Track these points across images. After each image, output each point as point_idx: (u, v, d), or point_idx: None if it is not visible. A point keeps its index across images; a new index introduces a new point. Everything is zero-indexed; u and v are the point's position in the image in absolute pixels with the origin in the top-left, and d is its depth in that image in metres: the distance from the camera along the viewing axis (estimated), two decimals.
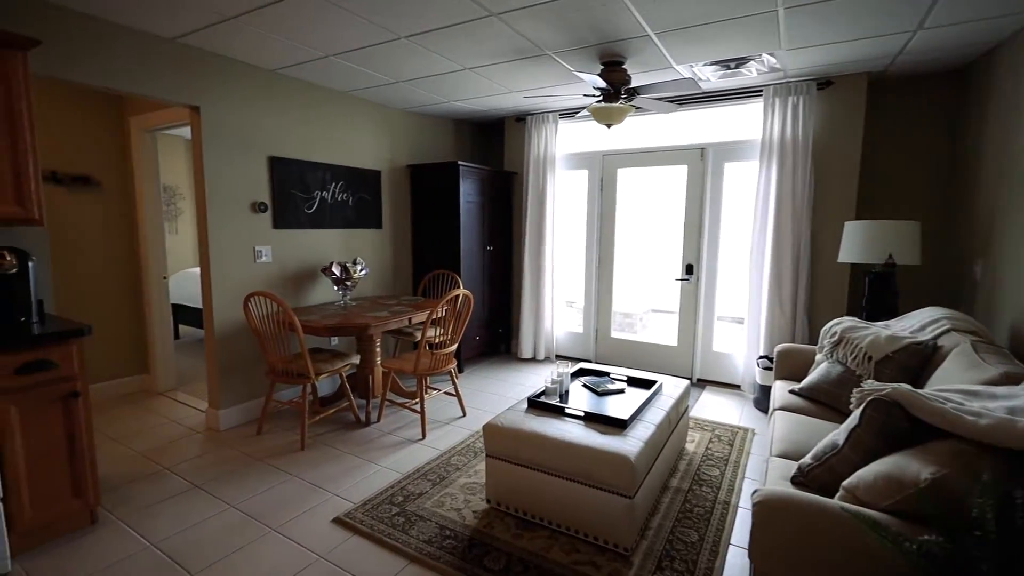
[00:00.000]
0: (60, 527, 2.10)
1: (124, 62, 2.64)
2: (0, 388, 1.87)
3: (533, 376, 4.45)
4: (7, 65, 2.04)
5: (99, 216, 3.65)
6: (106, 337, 3.73)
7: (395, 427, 3.31)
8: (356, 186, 4.05)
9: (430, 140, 4.77)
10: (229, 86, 3.12)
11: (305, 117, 3.60)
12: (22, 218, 2.12)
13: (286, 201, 3.52)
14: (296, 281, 3.65)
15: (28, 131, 2.11)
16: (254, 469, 2.73)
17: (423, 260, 4.64)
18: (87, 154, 3.58)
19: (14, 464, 1.91)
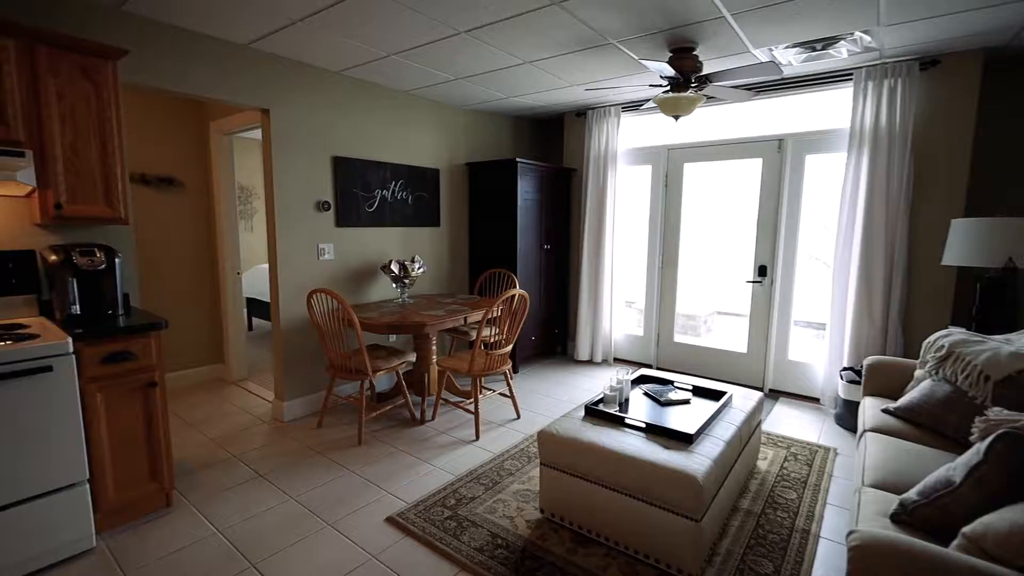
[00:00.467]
0: (139, 508, 2.24)
1: (202, 68, 2.77)
2: (89, 376, 2.00)
3: (589, 379, 4.31)
4: (99, 75, 2.18)
5: (182, 215, 3.90)
6: (186, 328, 3.99)
7: (449, 426, 3.29)
8: (415, 184, 4.08)
9: (488, 137, 4.73)
10: (297, 89, 3.21)
11: (367, 117, 3.66)
12: (110, 217, 2.27)
13: (348, 200, 3.59)
14: (356, 278, 3.72)
15: (116, 136, 2.26)
16: (313, 462, 2.80)
17: (479, 258, 4.61)
18: (172, 157, 3.83)
19: (99, 447, 2.05)
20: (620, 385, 2.48)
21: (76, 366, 1.94)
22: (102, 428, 2.05)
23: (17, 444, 1.79)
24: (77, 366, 1.95)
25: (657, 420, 2.22)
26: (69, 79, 2.11)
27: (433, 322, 3.11)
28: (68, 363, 1.89)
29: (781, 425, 3.34)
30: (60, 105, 2.09)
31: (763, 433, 3.16)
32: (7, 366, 1.74)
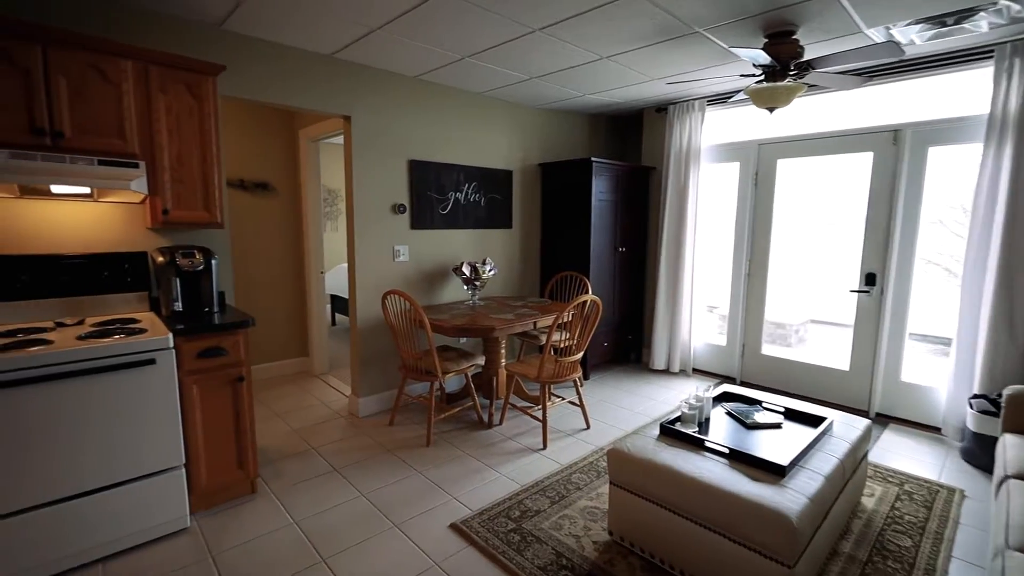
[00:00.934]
0: (228, 493, 2.40)
1: (289, 80, 2.93)
2: (186, 369, 2.17)
3: (665, 390, 4.07)
4: (201, 89, 2.36)
5: (274, 217, 4.19)
6: (276, 323, 4.27)
7: (516, 432, 3.24)
8: (488, 186, 4.07)
9: (563, 137, 4.62)
10: (376, 95, 3.31)
11: (442, 120, 3.70)
12: (208, 222, 2.45)
13: (423, 202, 3.65)
14: (429, 279, 3.78)
15: (214, 146, 2.43)
16: (384, 460, 2.86)
17: (551, 261, 4.52)
18: (267, 163, 4.11)
19: (195, 435, 2.21)
20: (700, 403, 2.28)
21: (176, 360, 2.11)
22: (197, 417, 2.22)
23: (125, 429, 1.98)
24: (176, 360, 2.12)
25: (743, 446, 2.00)
26: (176, 95, 2.29)
27: (502, 326, 3.07)
28: (168, 357, 2.05)
29: (892, 457, 2.93)
30: (168, 119, 2.28)
31: (870, 464, 2.78)
32: (117, 358, 1.92)
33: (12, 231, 2.19)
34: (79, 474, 1.89)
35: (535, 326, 3.32)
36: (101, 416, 1.92)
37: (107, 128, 2.13)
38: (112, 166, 2.11)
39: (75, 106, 2.05)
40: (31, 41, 1.93)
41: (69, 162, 2.02)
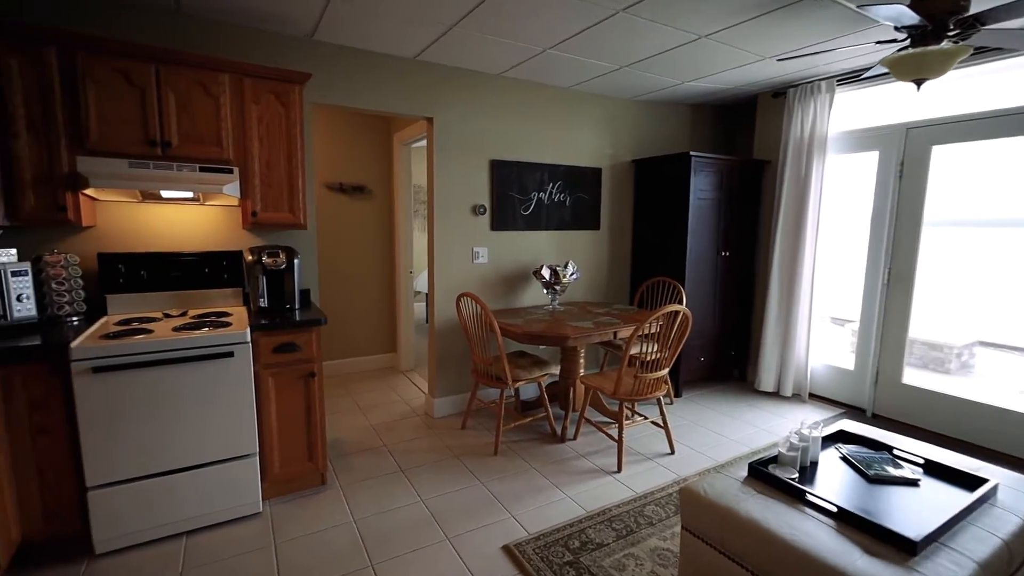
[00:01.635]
0: (299, 483, 2.51)
1: (374, 84, 3.00)
2: (263, 363, 2.29)
3: (772, 417, 3.53)
4: (288, 98, 2.49)
5: (369, 218, 4.39)
6: (368, 319, 4.48)
7: (590, 450, 3.00)
8: (574, 185, 3.87)
9: (660, 130, 4.25)
10: (457, 96, 3.28)
11: (525, 118, 3.58)
12: (292, 223, 2.58)
13: (504, 203, 3.56)
14: (509, 282, 3.68)
15: (299, 151, 2.55)
16: (449, 465, 2.80)
17: (642, 265, 4.17)
18: (365, 167, 4.33)
19: (269, 425, 2.33)
20: (805, 441, 1.87)
21: (253, 353, 2.24)
22: (272, 409, 2.33)
23: (208, 415, 2.13)
24: (254, 353, 2.25)
25: (859, 505, 1.59)
26: (266, 104, 2.44)
27: (577, 335, 2.85)
28: (245, 351, 2.17)
29: None
30: (259, 127, 2.44)
31: None
32: (200, 349, 2.08)
33: (135, 232, 2.50)
34: (171, 452, 2.07)
35: (615, 336, 3.05)
36: (188, 401, 2.08)
37: (207, 137, 2.32)
38: (211, 172, 2.30)
39: (181, 118, 2.26)
40: (147, 61, 2.16)
41: (176, 169, 2.24)
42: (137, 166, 2.17)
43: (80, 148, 2.10)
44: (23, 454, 1.88)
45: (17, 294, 2.04)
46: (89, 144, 2.10)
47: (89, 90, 2.08)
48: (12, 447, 1.86)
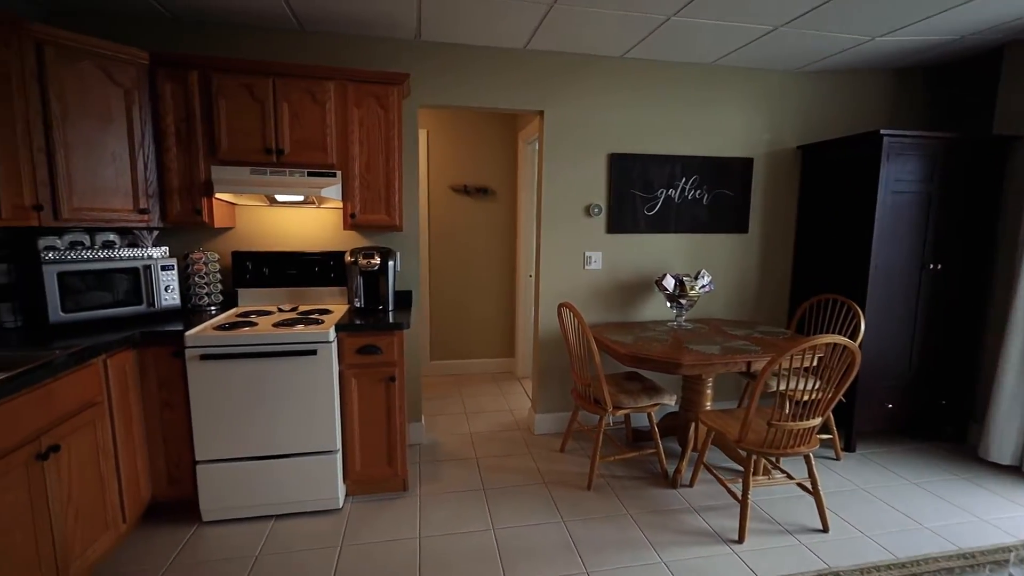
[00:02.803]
0: (380, 485, 2.50)
1: (482, 80, 2.87)
2: (348, 363, 2.32)
3: (1005, 505, 2.46)
4: (387, 100, 2.49)
5: (493, 220, 4.34)
6: (488, 320, 4.44)
7: (707, 503, 2.43)
8: (715, 180, 3.24)
9: (839, 107, 3.32)
10: (571, 85, 2.97)
11: (652, 104, 3.09)
12: (388, 224, 2.58)
13: (623, 202, 3.14)
14: (626, 292, 3.24)
15: (397, 152, 2.54)
16: (534, 494, 2.53)
17: (807, 279, 3.32)
18: (488, 168, 4.28)
19: (351, 425, 2.36)
20: None
21: (338, 353, 2.28)
22: (354, 409, 2.35)
23: (296, 408, 2.22)
24: (339, 353, 2.29)
25: None
26: (367, 107, 2.48)
27: (694, 362, 2.33)
28: (328, 350, 2.22)
29: None
30: (360, 131, 2.49)
31: None
32: (285, 345, 2.17)
33: (263, 233, 2.77)
34: (263, 439, 2.22)
35: (748, 368, 2.42)
36: (278, 393, 2.20)
37: (314, 143, 2.44)
38: (317, 176, 2.41)
39: (293, 126, 2.41)
40: (266, 76, 2.35)
41: (288, 174, 2.39)
42: (257, 173, 2.37)
43: (213, 158, 2.36)
44: (152, 424, 2.18)
45: (165, 285, 2.39)
46: (220, 154, 2.36)
47: (221, 106, 2.33)
48: (145, 417, 2.16)
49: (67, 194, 2.06)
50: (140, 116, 2.24)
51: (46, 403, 1.62)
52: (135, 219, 2.26)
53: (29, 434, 1.54)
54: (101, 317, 2.20)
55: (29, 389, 1.54)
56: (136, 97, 2.23)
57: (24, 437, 1.52)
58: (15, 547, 1.49)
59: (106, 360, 1.94)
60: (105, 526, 1.91)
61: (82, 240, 2.25)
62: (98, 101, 2.13)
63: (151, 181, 2.30)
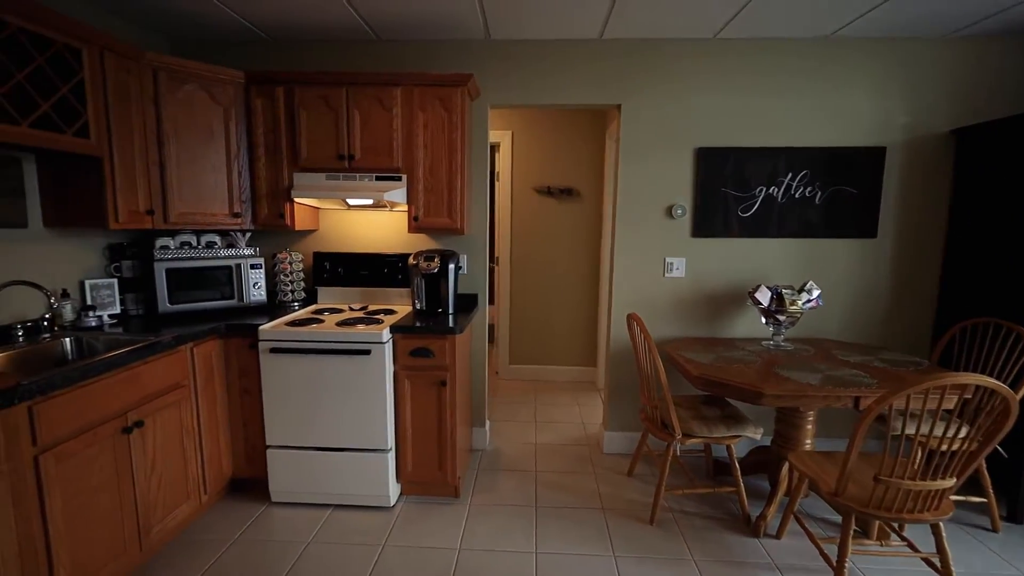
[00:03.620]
0: (432, 489, 2.49)
1: (552, 76, 2.73)
2: (401, 364, 2.34)
3: None
4: (451, 102, 2.47)
5: (577, 223, 4.16)
6: (569, 327, 4.26)
7: (793, 562, 2.03)
8: (832, 175, 2.72)
9: (1005, 80, 2.59)
10: (651, 73, 2.70)
11: (750, 90, 2.69)
12: (449, 227, 2.57)
13: (712, 202, 2.78)
14: (714, 304, 2.86)
15: (460, 154, 2.52)
16: (588, 521, 2.33)
17: (960, 295, 2.65)
18: (574, 168, 4.11)
19: (404, 426, 2.38)
20: None
21: (393, 354, 2.32)
22: (407, 411, 2.37)
23: (352, 405, 2.30)
24: (394, 354, 2.32)
25: None
26: (432, 111, 2.49)
27: (782, 392, 1.96)
28: (381, 351, 2.25)
29: None
30: (424, 134, 2.51)
31: None
32: (341, 344, 2.25)
33: (342, 235, 2.93)
34: (323, 432, 2.33)
35: (856, 403, 1.97)
36: (336, 389, 2.29)
37: (382, 148, 2.51)
38: (384, 180, 2.49)
39: (363, 133, 2.50)
40: (339, 86, 2.47)
41: (358, 179, 2.50)
42: (331, 178, 2.51)
43: (295, 165, 2.55)
44: (234, 408, 2.40)
45: (253, 282, 2.64)
46: (300, 162, 2.53)
47: (302, 117, 2.50)
48: (228, 401, 2.39)
49: (174, 201, 2.36)
50: (236, 130, 2.49)
51: (134, 384, 1.84)
52: (230, 222, 2.52)
53: (117, 410, 1.77)
54: (199, 309, 2.49)
55: (118, 371, 1.77)
56: (233, 113, 2.48)
57: (112, 413, 1.75)
58: (101, 508, 1.72)
59: (193, 348, 2.17)
60: (187, 496, 2.15)
61: (190, 241, 2.57)
62: (202, 119, 2.40)
63: (244, 188, 2.55)
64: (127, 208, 2.16)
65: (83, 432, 1.64)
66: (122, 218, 2.14)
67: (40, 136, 1.78)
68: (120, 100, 2.10)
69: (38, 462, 1.50)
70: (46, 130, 1.82)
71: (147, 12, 2.43)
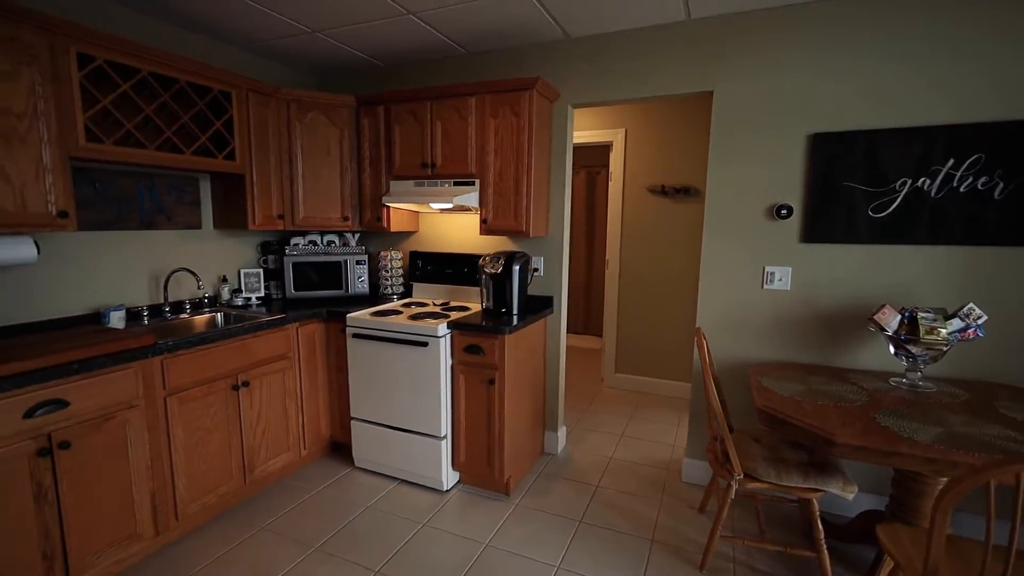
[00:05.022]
0: (483, 481, 2.58)
1: (635, 66, 2.55)
2: (458, 359, 2.48)
3: None
4: (520, 106, 2.51)
5: (692, 224, 3.77)
6: (681, 338, 3.89)
7: None
8: (1014, 160, 1.98)
9: None
10: (748, 52, 2.32)
11: (886, 57, 2.11)
12: (515, 230, 2.61)
13: (831, 199, 2.27)
14: (829, 325, 2.33)
15: (527, 157, 2.54)
16: (633, 549, 2.14)
17: None
18: (690, 167, 3.73)
19: (459, 416, 2.51)
20: None
21: (450, 348, 2.47)
22: (462, 403, 2.50)
23: (410, 391, 2.52)
24: (451, 349, 2.47)
25: None
26: (502, 116, 2.56)
27: (864, 443, 1.53)
28: (437, 344, 2.42)
29: None
30: (495, 140, 2.59)
31: None
32: (403, 335, 2.48)
33: (434, 236, 3.19)
34: (391, 412, 2.60)
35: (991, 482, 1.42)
36: (401, 376, 2.54)
37: (459, 155, 2.68)
38: (460, 185, 2.67)
39: (444, 142, 2.71)
40: (425, 101, 2.71)
41: (439, 185, 2.73)
42: (418, 185, 2.78)
43: (390, 174, 2.89)
44: (331, 381, 2.84)
45: (358, 276, 3.07)
46: (394, 171, 2.86)
47: (395, 131, 2.82)
48: (328, 375, 2.84)
49: (299, 207, 2.89)
50: (347, 146, 2.94)
51: (244, 352, 2.34)
52: (340, 225, 2.98)
53: (228, 371, 2.28)
54: (315, 296, 3.01)
55: (230, 341, 2.27)
56: (345, 132, 2.92)
57: (225, 372, 2.26)
58: (213, 444, 2.23)
59: (298, 328, 2.65)
60: (287, 448, 2.63)
61: (316, 240, 3.12)
62: (322, 138, 2.89)
63: (352, 195, 2.98)
64: (262, 213, 2.74)
65: (200, 384, 2.16)
66: (258, 221, 2.72)
67: (198, 161, 2.39)
68: (259, 128, 2.67)
69: (166, 402, 2.04)
70: (202, 156, 2.43)
71: (293, 55, 3.02)
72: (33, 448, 1.64)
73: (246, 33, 2.65)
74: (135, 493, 1.95)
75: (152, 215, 2.51)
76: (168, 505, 2.08)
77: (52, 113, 1.86)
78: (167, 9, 2.36)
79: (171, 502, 2.09)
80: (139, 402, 1.94)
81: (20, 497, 1.62)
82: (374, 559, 2.06)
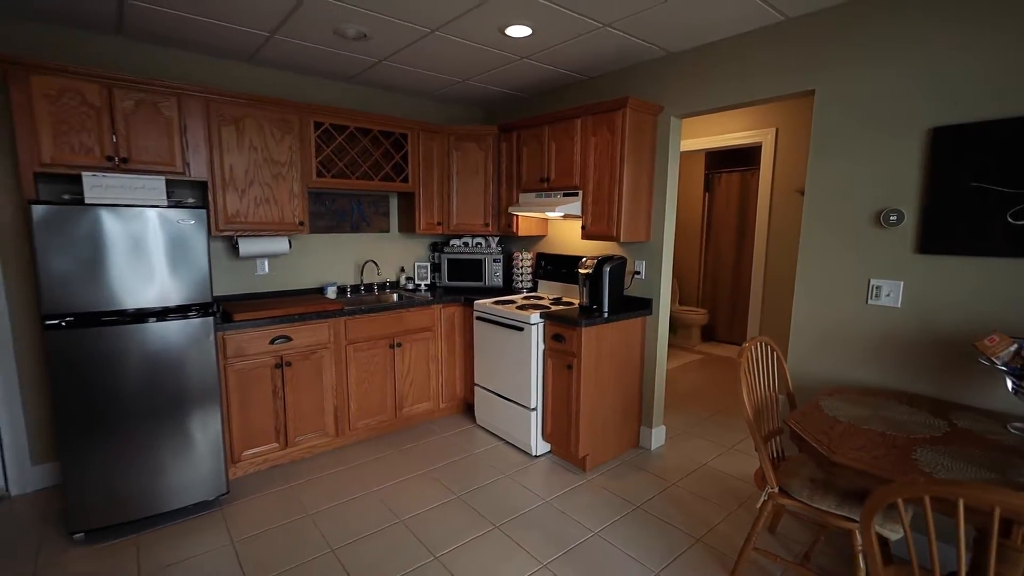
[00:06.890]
0: (564, 455, 2.94)
1: (735, 72, 2.55)
2: (548, 345, 2.91)
3: None
4: (614, 123, 2.80)
5: None
6: None
7: None
8: None
9: None
10: (855, 45, 2.12)
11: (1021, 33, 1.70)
12: (607, 234, 2.89)
13: (956, 203, 1.93)
14: (949, 351, 1.97)
15: (619, 167, 2.80)
16: (667, 540, 2.26)
17: None
18: None
19: (547, 393, 2.93)
20: None
21: (541, 334, 2.92)
22: (549, 382, 2.93)
23: (512, 366, 3.06)
24: (542, 335, 2.92)
25: None
26: (599, 134, 2.88)
27: (856, 464, 1.46)
28: (529, 330, 2.90)
29: None
30: (595, 155, 2.92)
31: None
32: (505, 319, 3.02)
33: (557, 240, 3.64)
34: (501, 382, 3.19)
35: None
36: (507, 353, 3.10)
37: (567, 169, 3.10)
38: (568, 196, 3.10)
39: (556, 159, 3.16)
40: (543, 125, 3.21)
41: (552, 196, 3.20)
42: (537, 196, 3.31)
43: (519, 188, 3.47)
44: (466, 353, 3.58)
45: (494, 272, 3.75)
46: (522, 185, 3.44)
47: (524, 152, 3.39)
48: (464, 348, 3.60)
49: (453, 216, 3.71)
50: (491, 166, 3.63)
51: (399, 321, 3.25)
52: (482, 230, 3.70)
53: (388, 334, 3.20)
54: (461, 286, 3.81)
55: (388, 313, 3.19)
56: (489, 155, 3.63)
57: (385, 335, 3.19)
58: (374, 383, 3.19)
59: (440, 309, 3.46)
60: (428, 399, 3.47)
61: (467, 241, 3.92)
62: (472, 161, 3.66)
63: (492, 205, 3.67)
64: (425, 220, 3.64)
65: (368, 340, 3.12)
66: (422, 227, 3.63)
67: (382, 185, 3.39)
68: (427, 157, 3.57)
69: (346, 349, 3.04)
70: (385, 181, 3.42)
71: (459, 98, 3.87)
72: (272, 362, 2.77)
73: (421, 87, 3.58)
74: (325, 404, 2.99)
75: (358, 222, 3.64)
76: (344, 418, 3.09)
77: (299, 161, 3.00)
78: (372, 81, 3.41)
79: (346, 417, 3.09)
80: (330, 345, 2.97)
81: (266, 391, 2.76)
82: (459, 487, 2.68)
